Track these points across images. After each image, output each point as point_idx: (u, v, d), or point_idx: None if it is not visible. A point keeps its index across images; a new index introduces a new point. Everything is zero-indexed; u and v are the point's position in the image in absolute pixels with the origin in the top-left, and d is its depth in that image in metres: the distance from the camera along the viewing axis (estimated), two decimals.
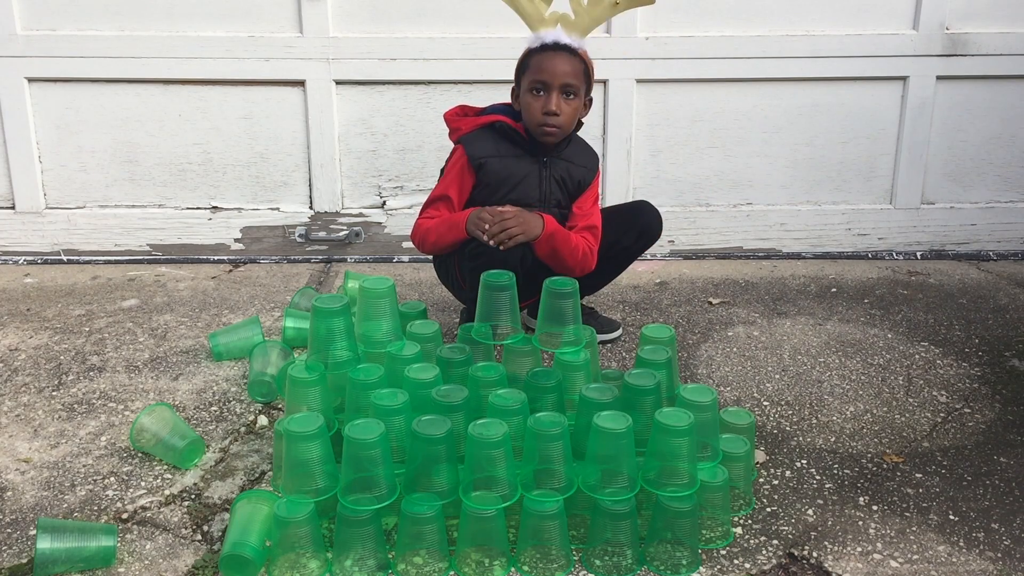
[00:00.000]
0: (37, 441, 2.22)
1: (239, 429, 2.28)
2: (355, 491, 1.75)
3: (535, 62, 2.45)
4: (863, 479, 2.10)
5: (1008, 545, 1.88)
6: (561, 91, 2.43)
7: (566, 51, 2.44)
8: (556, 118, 2.44)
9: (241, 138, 3.42)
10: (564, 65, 2.42)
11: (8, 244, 3.47)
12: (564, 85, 2.42)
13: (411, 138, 3.43)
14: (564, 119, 2.45)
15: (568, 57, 2.43)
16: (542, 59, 2.43)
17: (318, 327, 2.05)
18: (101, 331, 2.83)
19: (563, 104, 2.43)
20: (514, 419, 1.86)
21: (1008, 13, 3.42)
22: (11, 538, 1.87)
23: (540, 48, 2.45)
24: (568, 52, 2.44)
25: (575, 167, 2.56)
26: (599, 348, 2.60)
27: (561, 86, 2.42)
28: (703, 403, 1.89)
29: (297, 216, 3.49)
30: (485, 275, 2.16)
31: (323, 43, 3.32)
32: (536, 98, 2.44)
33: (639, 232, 2.64)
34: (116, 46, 3.30)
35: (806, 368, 2.63)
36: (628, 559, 1.79)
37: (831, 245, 3.61)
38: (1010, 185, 3.61)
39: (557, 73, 2.41)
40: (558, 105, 2.42)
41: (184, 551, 1.84)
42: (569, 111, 2.46)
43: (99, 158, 3.42)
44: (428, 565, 1.77)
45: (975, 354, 2.74)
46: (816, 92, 3.47)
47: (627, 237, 2.64)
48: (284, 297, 3.11)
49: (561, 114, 2.44)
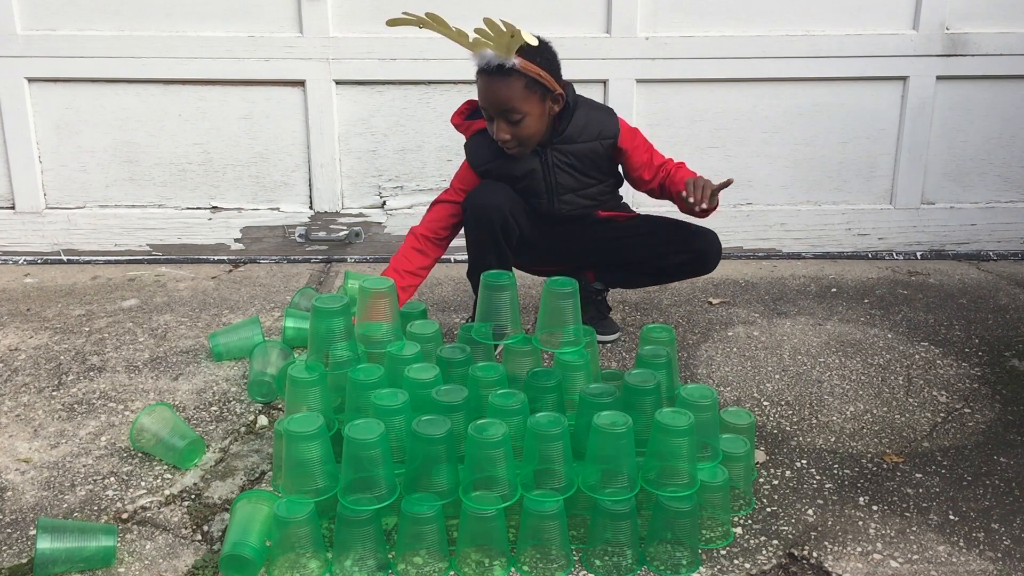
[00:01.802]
0: (37, 441, 2.22)
1: (239, 429, 2.28)
2: (355, 491, 1.75)
3: (479, 86, 2.39)
4: (863, 479, 2.10)
5: (1008, 545, 1.88)
6: (502, 117, 2.37)
7: (499, 73, 2.33)
8: (507, 141, 2.40)
9: (241, 138, 3.42)
10: (498, 91, 2.34)
11: (8, 244, 3.47)
12: (503, 112, 2.36)
13: (411, 138, 3.43)
14: (520, 136, 2.40)
15: (501, 81, 2.33)
16: (481, 85, 2.38)
17: (318, 327, 2.05)
18: (101, 331, 2.83)
19: (509, 128, 2.37)
20: (514, 419, 1.86)
21: (1008, 13, 3.42)
22: (11, 538, 1.87)
23: (479, 71, 2.38)
24: (500, 74, 2.33)
25: (580, 145, 2.50)
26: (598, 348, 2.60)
27: (500, 113, 2.36)
28: (703, 403, 1.89)
29: (297, 216, 3.49)
30: (485, 275, 2.16)
31: (323, 43, 3.32)
32: (489, 123, 2.41)
33: (692, 256, 2.58)
34: (116, 46, 3.30)
35: (806, 368, 2.63)
36: (628, 559, 1.79)
37: (831, 245, 3.61)
38: (1010, 185, 3.61)
39: (491, 102, 2.36)
40: (505, 131, 2.38)
41: (184, 551, 1.84)
42: (522, 130, 2.39)
43: (99, 158, 3.42)
44: (428, 565, 1.77)
45: (975, 354, 2.74)
46: (816, 92, 3.47)
47: (677, 257, 2.57)
48: (284, 297, 3.11)
49: (511, 136, 2.38)
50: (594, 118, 2.53)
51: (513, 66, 2.32)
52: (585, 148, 2.51)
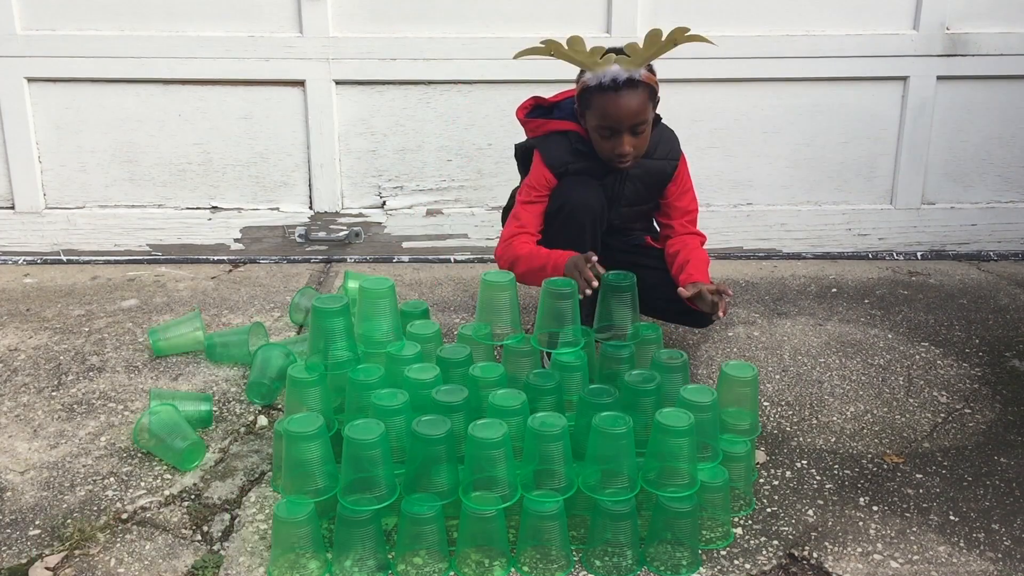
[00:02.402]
0: (37, 441, 2.22)
1: (239, 429, 2.28)
2: (355, 491, 1.75)
3: (598, 104, 2.30)
4: (863, 479, 2.10)
5: (1008, 546, 1.87)
6: (630, 131, 2.31)
7: (628, 87, 2.27)
8: (629, 154, 2.34)
9: (241, 138, 3.42)
10: (629, 105, 2.27)
11: (8, 244, 3.47)
12: (632, 126, 2.30)
13: (411, 138, 3.43)
14: (638, 148, 2.35)
15: (632, 94, 2.27)
16: (605, 102, 2.28)
17: (318, 327, 2.05)
18: (101, 331, 2.83)
19: (634, 141, 2.32)
20: (514, 419, 1.86)
21: (1008, 13, 3.42)
22: (11, 538, 1.87)
23: (600, 88, 2.28)
24: (630, 87, 2.27)
25: (653, 162, 2.47)
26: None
27: (630, 127, 2.30)
28: (703, 403, 1.89)
29: (297, 216, 3.49)
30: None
31: (323, 43, 3.31)
32: (606, 140, 2.33)
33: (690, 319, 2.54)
34: (116, 46, 3.30)
35: (806, 368, 2.63)
36: (628, 559, 1.79)
37: (831, 245, 3.61)
38: (1010, 185, 3.61)
39: (623, 117, 2.28)
40: (629, 145, 2.32)
41: (184, 551, 1.84)
42: (641, 142, 2.35)
43: (99, 158, 3.42)
44: (428, 565, 1.77)
45: (975, 354, 2.73)
46: (816, 92, 3.47)
47: (675, 305, 2.43)
48: (284, 297, 3.11)
49: (634, 149, 2.34)
50: (666, 137, 2.51)
51: (641, 78, 2.29)
52: (657, 165, 2.48)
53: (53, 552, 1.83)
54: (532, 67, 3.36)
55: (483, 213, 3.48)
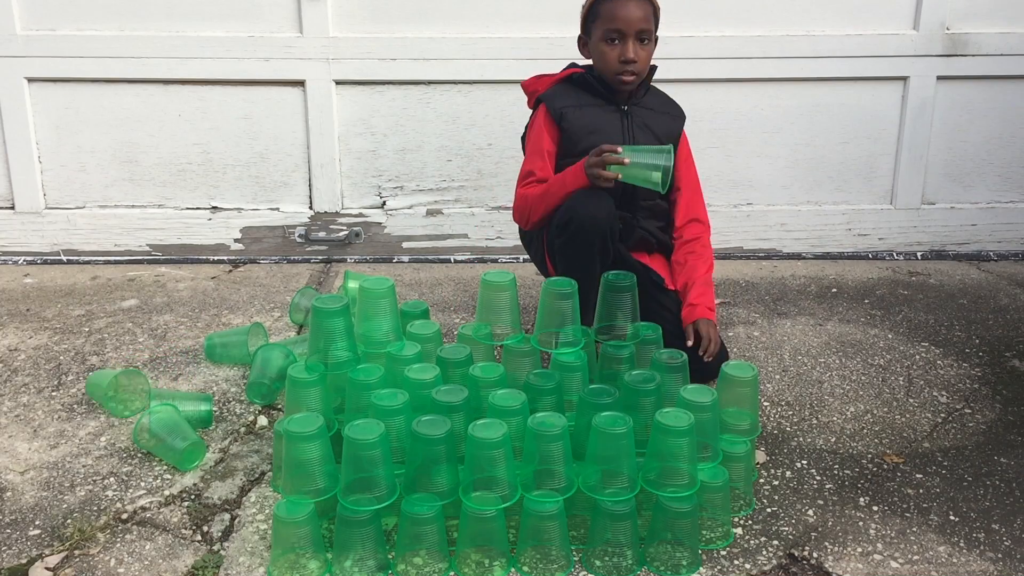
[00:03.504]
0: (37, 441, 2.22)
1: (239, 429, 2.28)
2: (355, 491, 1.75)
3: (606, 10, 2.41)
4: (863, 479, 2.10)
5: (1008, 546, 1.87)
6: (636, 38, 2.41)
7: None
8: (634, 65, 2.42)
9: (241, 138, 3.42)
10: (636, 11, 2.39)
11: (8, 244, 3.47)
12: (639, 32, 2.40)
13: (411, 138, 3.43)
14: (641, 65, 2.44)
15: (639, 2, 2.41)
16: (614, 7, 2.40)
17: (318, 327, 2.05)
18: (101, 331, 2.83)
19: (640, 50, 2.42)
20: (514, 419, 1.86)
21: (1008, 13, 3.42)
22: (11, 538, 1.87)
23: None
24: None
25: (657, 115, 2.55)
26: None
27: (636, 33, 2.40)
28: (703, 403, 1.89)
29: (297, 216, 3.49)
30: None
31: (323, 43, 3.31)
32: (612, 47, 2.42)
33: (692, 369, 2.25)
34: (116, 46, 3.30)
35: (806, 368, 2.63)
36: (628, 560, 1.79)
37: (831, 245, 3.61)
38: (1011, 185, 3.61)
39: (631, 20, 2.39)
40: (636, 52, 2.41)
41: (184, 551, 1.84)
42: (645, 56, 2.44)
43: (99, 158, 3.42)
44: (428, 566, 1.77)
45: (975, 354, 2.73)
46: (816, 92, 3.47)
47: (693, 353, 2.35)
48: (284, 297, 3.11)
49: (639, 60, 2.42)
50: (667, 99, 2.62)
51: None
52: (661, 120, 2.56)
53: (53, 552, 1.83)
54: (532, 67, 3.36)
55: (483, 213, 3.48)
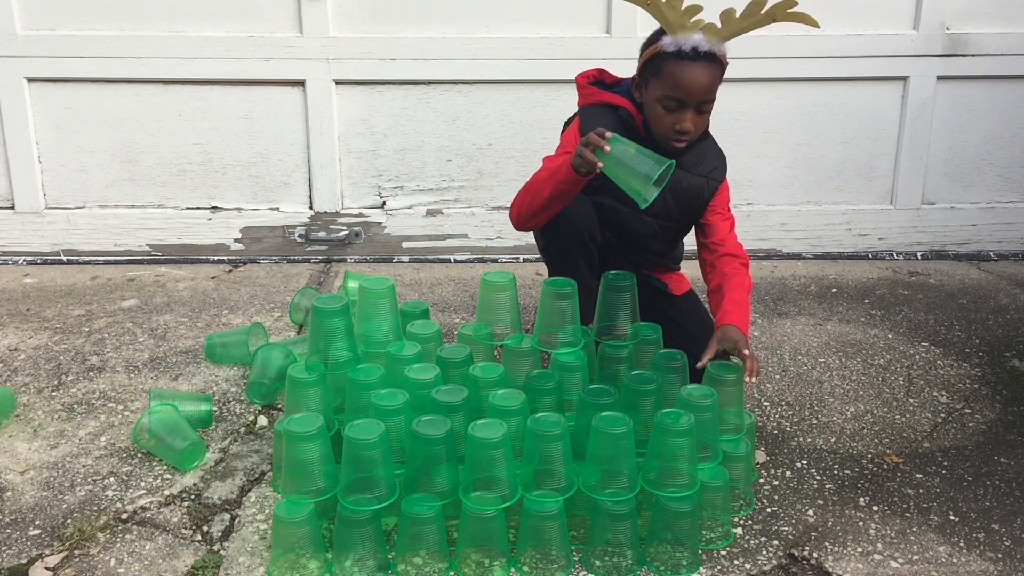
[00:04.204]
0: (37, 441, 2.22)
1: (239, 429, 2.28)
2: (355, 491, 1.75)
3: (670, 71, 2.12)
4: (863, 479, 2.10)
5: (1008, 546, 1.87)
6: (696, 109, 2.15)
7: (706, 60, 2.11)
8: (690, 134, 2.18)
9: (241, 138, 3.42)
10: (703, 79, 2.12)
11: (8, 244, 3.47)
12: (701, 103, 2.15)
13: (411, 138, 3.43)
14: (696, 132, 2.20)
15: (708, 68, 2.12)
16: (680, 71, 2.11)
17: (318, 327, 2.05)
18: (101, 331, 2.83)
19: (697, 120, 2.17)
20: (514, 419, 1.86)
21: (1008, 13, 3.41)
22: (11, 538, 1.87)
23: (678, 55, 2.11)
24: (708, 60, 2.11)
25: (691, 176, 2.30)
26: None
27: (698, 104, 2.15)
28: (703, 403, 1.89)
29: (297, 216, 3.49)
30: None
31: (323, 43, 3.31)
32: (668, 114, 2.16)
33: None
34: (116, 46, 3.30)
35: (806, 368, 2.63)
36: (628, 560, 1.79)
37: (831, 245, 3.61)
38: (1011, 185, 3.61)
39: (695, 91, 2.12)
40: (692, 123, 2.16)
41: (184, 551, 1.84)
42: (702, 123, 2.20)
43: (99, 158, 3.42)
44: (428, 566, 1.77)
45: (975, 354, 2.73)
46: (816, 92, 3.47)
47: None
48: (284, 297, 3.11)
49: (695, 129, 2.18)
50: (710, 155, 2.35)
51: (723, 54, 2.16)
52: (692, 181, 2.31)
53: (53, 552, 1.83)
54: (532, 67, 3.37)
55: (483, 213, 3.48)
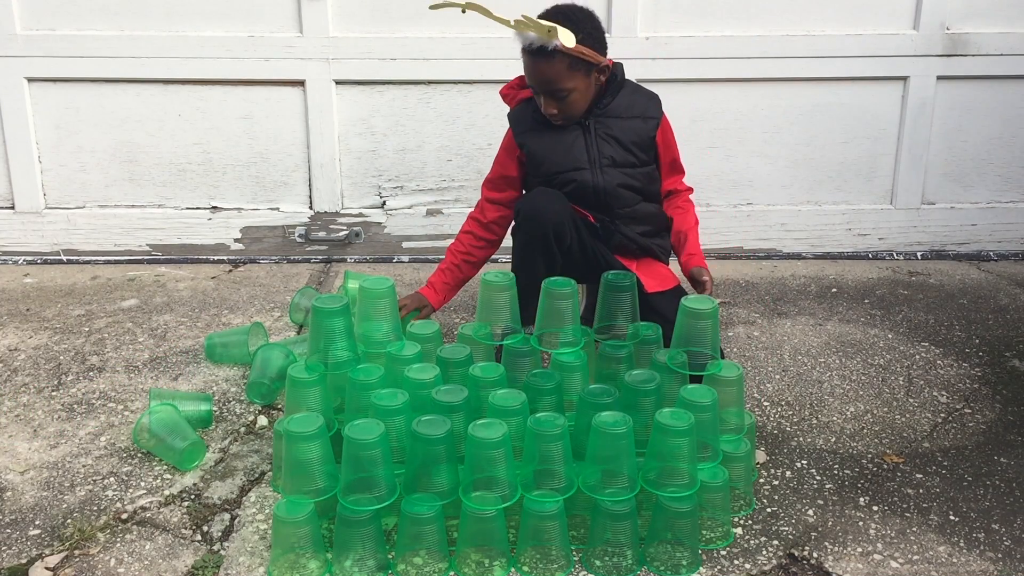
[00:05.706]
0: (37, 441, 2.22)
1: (239, 429, 2.28)
2: (355, 491, 1.75)
3: (524, 63, 2.40)
4: (863, 479, 2.10)
5: (1008, 546, 1.87)
6: (548, 96, 2.39)
7: (540, 55, 2.33)
8: (556, 115, 2.42)
9: (241, 138, 3.42)
10: (543, 72, 2.35)
11: (8, 244, 3.47)
12: (548, 92, 2.38)
13: (411, 138, 3.43)
14: (565, 111, 2.41)
15: (544, 61, 2.33)
16: (525, 62, 2.39)
17: (318, 327, 2.05)
18: (101, 331, 2.83)
19: (555, 104, 2.39)
20: (514, 419, 1.86)
21: (1008, 13, 3.42)
22: (11, 538, 1.87)
23: (523, 50, 2.37)
24: (542, 55, 2.33)
25: (626, 120, 2.49)
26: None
27: (546, 93, 2.39)
28: (703, 403, 1.89)
29: (297, 216, 3.49)
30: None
31: (323, 43, 3.31)
32: (537, 96, 2.43)
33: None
34: (116, 46, 3.30)
35: (806, 368, 2.63)
36: (628, 559, 1.79)
37: (831, 245, 3.61)
38: (1011, 185, 3.61)
39: (538, 81, 2.38)
40: (550, 107, 2.40)
41: (184, 551, 1.84)
42: (567, 105, 2.40)
43: (99, 158, 3.42)
44: (428, 565, 1.77)
45: (975, 354, 2.73)
46: (816, 92, 3.47)
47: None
48: (284, 297, 3.11)
49: (558, 111, 2.40)
50: (639, 99, 2.53)
51: (556, 47, 2.31)
52: (628, 124, 2.49)
53: (53, 552, 1.83)
54: None
55: None
